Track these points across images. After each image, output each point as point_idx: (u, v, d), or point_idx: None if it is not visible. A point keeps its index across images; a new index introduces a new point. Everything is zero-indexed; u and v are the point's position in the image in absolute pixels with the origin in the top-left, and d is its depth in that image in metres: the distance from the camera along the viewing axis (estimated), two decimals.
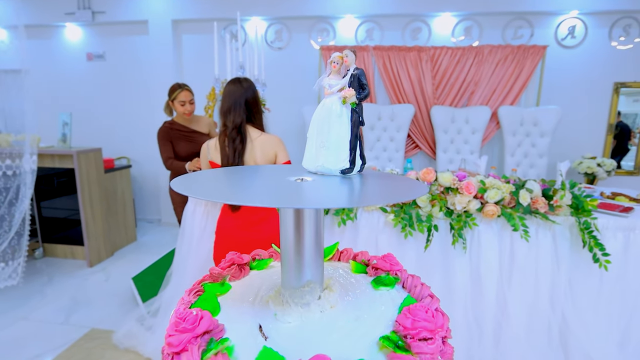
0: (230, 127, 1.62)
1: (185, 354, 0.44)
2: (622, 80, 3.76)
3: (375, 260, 0.63)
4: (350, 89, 0.45)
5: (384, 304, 0.56)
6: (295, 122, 3.98)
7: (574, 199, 1.86)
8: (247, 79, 1.70)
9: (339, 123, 0.45)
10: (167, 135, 2.49)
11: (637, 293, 1.84)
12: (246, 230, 1.67)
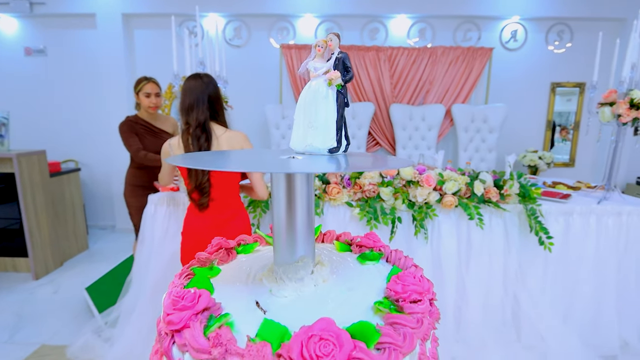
0: (193, 125, 1.56)
1: (187, 330, 0.44)
2: (557, 81, 4.13)
3: (359, 239, 0.66)
4: (335, 72, 0.47)
5: (372, 276, 0.60)
6: (258, 121, 3.94)
7: (521, 188, 2.03)
8: (207, 74, 1.65)
9: (326, 104, 0.47)
10: (131, 128, 2.35)
11: (577, 271, 2.05)
12: (214, 230, 1.63)
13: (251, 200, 2.02)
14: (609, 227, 2.02)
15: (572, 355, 2.00)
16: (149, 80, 2.36)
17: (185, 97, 1.58)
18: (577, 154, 4.33)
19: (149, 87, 2.34)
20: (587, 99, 4.05)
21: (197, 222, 1.65)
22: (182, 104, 1.60)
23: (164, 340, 0.46)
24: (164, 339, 0.46)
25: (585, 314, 2.06)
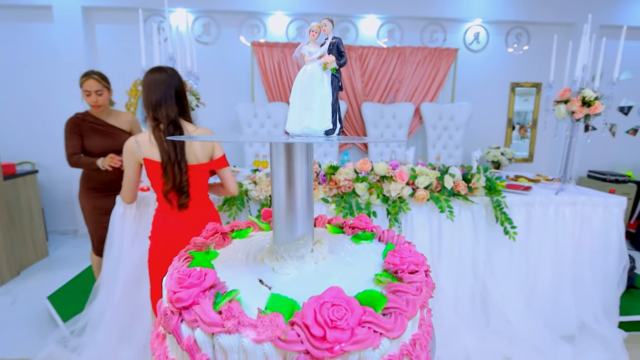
0: (165, 122, 1.49)
1: (196, 306, 0.44)
2: (516, 81, 4.38)
3: (351, 221, 0.68)
4: (330, 56, 0.48)
5: (368, 253, 0.63)
6: (229, 119, 3.88)
7: (487, 181, 2.13)
8: (171, 67, 1.56)
9: (321, 87, 0.49)
10: (76, 127, 2.14)
11: (538, 258, 2.18)
12: (192, 230, 1.57)
13: (226, 198, 1.99)
14: (566, 216, 2.18)
15: (536, 337, 2.13)
16: (89, 77, 2.10)
17: (150, 92, 1.49)
18: (535, 150, 4.61)
19: (87, 85, 2.09)
20: (544, 98, 4.31)
21: (173, 224, 1.58)
22: (147, 99, 1.50)
23: (172, 319, 0.46)
24: (171, 317, 0.45)
25: (546, 298, 2.20)
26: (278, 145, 0.55)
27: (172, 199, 1.54)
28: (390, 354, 0.46)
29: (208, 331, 0.44)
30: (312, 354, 0.42)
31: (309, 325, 0.42)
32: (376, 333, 0.44)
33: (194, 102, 2.06)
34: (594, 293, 2.27)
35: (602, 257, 2.24)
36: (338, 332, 0.42)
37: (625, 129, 4.89)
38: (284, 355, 0.43)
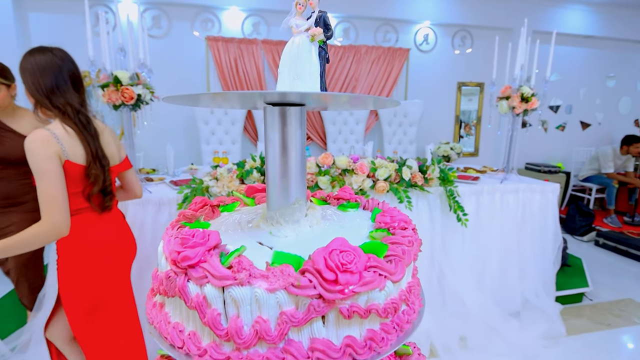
0: (72, 111, 1.21)
1: (204, 264, 0.45)
2: (462, 80, 4.68)
3: (336, 193, 0.70)
4: (317, 28, 0.50)
5: (358, 218, 0.66)
6: (184, 115, 3.73)
7: (441, 172, 2.27)
8: (58, 47, 1.28)
9: (309, 58, 0.50)
10: None
11: (487, 242, 2.36)
12: (120, 231, 1.42)
13: (186, 196, 1.92)
14: (510, 203, 2.38)
15: (486, 315, 2.31)
16: None
17: (41, 76, 1.20)
18: (480, 145, 4.97)
19: None
20: (488, 95, 4.66)
21: (101, 227, 1.35)
22: (34, 85, 1.21)
23: (177, 280, 0.45)
24: (176, 278, 0.44)
25: (494, 278, 2.39)
26: (273, 111, 0.56)
27: (97, 202, 1.31)
28: (392, 297, 0.50)
29: (219, 285, 0.45)
30: (324, 297, 0.44)
31: (321, 270, 0.44)
32: (381, 276, 0.48)
33: (148, 95, 1.97)
34: (534, 272, 2.50)
35: (540, 239, 2.48)
36: (348, 275, 0.45)
37: (555, 125, 5.43)
38: (297, 302, 0.45)
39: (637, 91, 5.70)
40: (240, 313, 0.46)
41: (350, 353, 0.47)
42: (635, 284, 3.19)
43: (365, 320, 0.49)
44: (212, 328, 0.46)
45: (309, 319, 0.45)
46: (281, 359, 0.45)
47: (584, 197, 4.92)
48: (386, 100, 0.54)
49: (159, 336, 0.52)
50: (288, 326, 0.45)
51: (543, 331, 2.33)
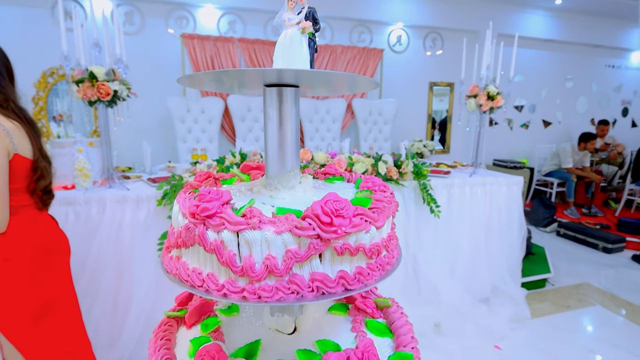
0: (15, 106, 1.19)
1: (220, 214, 0.54)
2: (434, 80, 4.87)
3: (323, 169, 0.78)
4: (307, 22, 0.57)
5: (344, 187, 0.77)
6: (161, 114, 3.67)
7: (415, 167, 2.38)
8: None
9: (300, 47, 0.58)
10: None
11: (458, 231, 2.50)
12: (55, 227, 1.39)
13: (166, 191, 1.93)
14: (478, 195, 2.53)
15: (458, 301, 2.44)
16: None
17: None
18: (451, 143, 5.18)
19: None
20: (457, 96, 4.87)
21: (41, 224, 1.31)
22: None
23: (197, 229, 0.55)
24: (195, 228, 0.54)
25: (465, 266, 2.53)
26: (272, 91, 0.65)
27: (37, 198, 1.28)
28: (376, 241, 0.60)
29: (234, 230, 0.54)
30: (322, 237, 0.55)
31: (319, 215, 0.54)
32: (367, 222, 0.59)
33: (125, 92, 1.95)
34: (502, 260, 2.67)
35: (507, 229, 2.65)
36: (341, 219, 0.56)
37: (520, 124, 5.74)
38: (299, 242, 0.55)
39: (592, 92, 6.12)
40: (252, 253, 0.55)
41: (342, 284, 0.58)
42: (592, 269, 3.45)
43: (354, 258, 0.60)
44: (229, 266, 0.55)
45: (309, 255, 0.55)
46: (287, 289, 0.55)
47: (546, 190, 5.24)
48: (369, 80, 0.64)
49: (179, 281, 0.60)
50: (292, 262, 0.55)
51: (510, 315, 2.49)
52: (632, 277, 3.30)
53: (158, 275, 2.00)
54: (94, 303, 1.87)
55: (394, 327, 0.79)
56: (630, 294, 2.97)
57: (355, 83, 0.68)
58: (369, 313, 0.83)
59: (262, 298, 0.54)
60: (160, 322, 0.80)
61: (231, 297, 0.55)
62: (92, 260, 1.87)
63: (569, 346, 2.28)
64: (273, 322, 0.75)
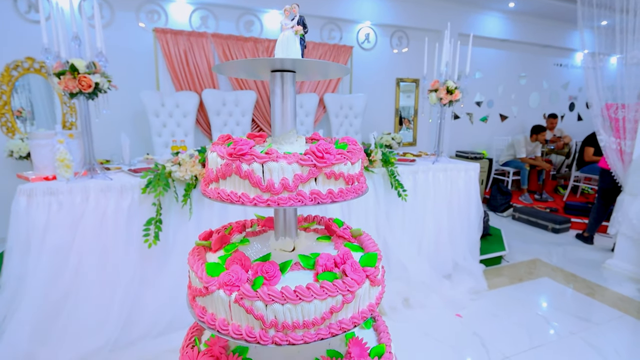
0: None
1: (251, 152, 0.83)
2: (400, 77, 5.14)
3: (309, 136, 0.98)
4: (299, 26, 0.76)
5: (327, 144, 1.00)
6: (134, 108, 3.67)
7: (383, 155, 2.58)
8: None
9: (294, 45, 0.79)
10: None
11: (423, 213, 2.74)
12: None
13: (150, 180, 2.01)
14: (440, 180, 2.78)
15: (425, 278, 2.68)
16: None
17: None
18: (417, 136, 5.49)
19: None
20: (422, 90, 5.17)
21: None
22: None
23: (234, 163, 0.81)
24: (232, 163, 0.82)
25: (430, 245, 2.78)
26: (276, 75, 0.94)
27: None
28: (351, 173, 0.88)
29: (260, 162, 0.83)
30: (317, 165, 0.84)
31: (314, 152, 0.84)
32: (345, 158, 0.88)
33: (106, 84, 2.00)
34: (462, 238, 2.95)
35: (466, 210, 2.93)
36: (329, 154, 0.85)
37: (479, 118, 6.16)
38: (302, 170, 0.84)
39: (543, 89, 6.66)
40: (272, 176, 0.83)
41: (330, 196, 0.87)
42: (542, 247, 3.84)
43: (337, 182, 0.89)
44: (257, 186, 0.82)
45: (309, 178, 0.84)
46: (296, 199, 0.81)
47: (503, 179, 5.68)
48: (342, 67, 0.93)
49: (220, 200, 0.86)
50: (298, 182, 0.84)
51: (470, 287, 2.77)
52: (575, 253, 3.71)
53: (143, 262, 2.08)
54: (79, 290, 1.93)
55: (364, 245, 1.11)
56: (574, 267, 3.36)
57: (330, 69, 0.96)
58: (346, 238, 1.14)
59: (280, 204, 0.82)
60: (193, 249, 1.05)
61: (259, 205, 0.82)
62: (77, 248, 1.92)
63: (521, 312, 2.59)
64: (278, 244, 1.04)
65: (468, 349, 2.16)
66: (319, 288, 0.81)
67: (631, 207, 3.10)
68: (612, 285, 3.02)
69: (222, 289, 0.82)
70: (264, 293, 0.79)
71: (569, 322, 2.46)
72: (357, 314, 0.89)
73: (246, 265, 0.90)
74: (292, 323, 0.80)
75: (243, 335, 0.80)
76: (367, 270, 0.91)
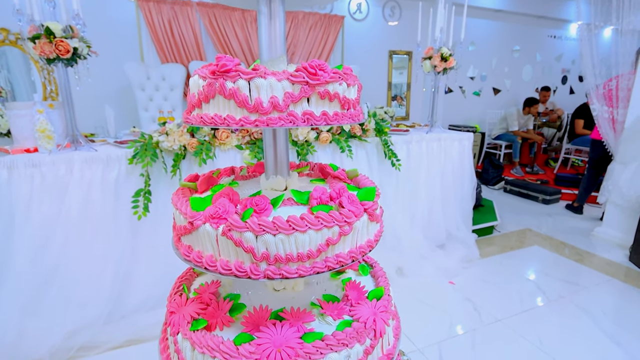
0: None
1: (236, 69, 0.76)
2: (393, 49, 5.02)
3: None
4: None
5: None
6: (119, 81, 3.53)
7: (376, 125, 2.54)
8: None
9: None
10: None
11: (416, 183, 2.72)
12: None
13: (136, 149, 1.94)
14: (434, 149, 2.75)
15: (418, 247, 2.69)
16: None
17: None
18: (410, 110, 5.43)
19: None
20: (415, 63, 5.07)
21: None
22: None
23: (217, 82, 0.75)
24: (216, 81, 0.74)
25: (423, 215, 2.78)
26: None
27: None
28: (346, 95, 0.83)
29: (247, 79, 0.76)
30: (309, 83, 0.76)
31: (307, 67, 0.76)
32: (340, 78, 0.83)
33: (85, 49, 1.90)
34: (455, 209, 2.95)
35: (459, 180, 2.92)
36: (322, 71, 0.78)
37: (472, 92, 6.10)
38: (294, 88, 0.77)
39: (536, 61, 6.59)
40: (260, 94, 0.75)
41: (324, 118, 0.80)
42: (533, 218, 3.89)
43: (332, 103, 0.82)
44: (244, 105, 0.75)
45: (301, 97, 0.76)
46: (287, 120, 0.74)
47: (496, 152, 5.69)
48: None
49: (203, 124, 0.81)
50: (290, 100, 0.75)
51: (462, 256, 2.80)
52: (565, 223, 3.77)
53: (134, 235, 2.04)
54: (69, 262, 1.89)
55: (361, 185, 1.05)
56: (564, 235, 3.41)
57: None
58: (341, 179, 1.09)
59: (269, 125, 0.75)
60: (177, 190, 0.98)
61: (246, 126, 0.76)
62: (64, 221, 1.87)
63: (512, 278, 2.63)
64: (269, 183, 0.98)
65: (460, 314, 2.20)
66: (313, 218, 0.76)
67: (621, 176, 3.13)
68: (600, 251, 3.08)
69: (209, 222, 0.76)
70: (254, 223, 0.73)
71: (558, 286, 2.51)
72: (355, 249, 0.84)
73: (235, 199, 0.84)
74: (286, 256, 0.75)
75: (232, 270, 0.75)
76: (365, 204, 0.85)
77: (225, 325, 0.87)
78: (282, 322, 0.85)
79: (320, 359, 0.75)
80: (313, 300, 0.99)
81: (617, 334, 2.01)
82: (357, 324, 0.85)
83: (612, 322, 2.12)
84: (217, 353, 0.75)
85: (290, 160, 2.27)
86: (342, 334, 0.80)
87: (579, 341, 1.96)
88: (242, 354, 0.74)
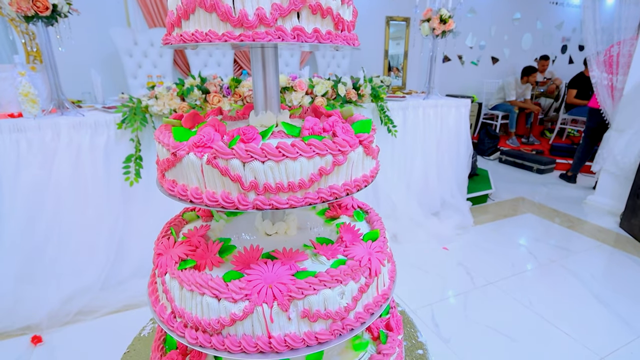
0: None
1: None
2: (390, 15, 4.85)
3: None
4: None
5: None
6: (105, 48, 3.38)
7: (372, 90, 2.48)
8: None
9: None
10: None
11: (413, 150, 2.70)
12: None
13: (125, 114, 1.88)
14: (431, 116, 2.71)
15: (413, 214, 2.70)
16: None
17: None
18: (407, 81, 5.32)
19: None
20: (413, 30, 4.91)
21: None
22: None
23: None
24: None
25: (419, 182, 2.77)
26: None
27: None
28: (341, 15, 0.78)
29: None
30: None
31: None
32: None
33: (65, 7, 1.79)
34: (450, 176, 2.95)
35: (455, 147, 2.90)
36: None
37: (470, 61, 5.97)
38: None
39: (537, 29, 6.43)
40: (244, 5, 0.69)
41: (316, 36, 0.73)
42: (527, 187, 3.91)
43: (324, 20, 0.75)
44: (227, 18, 0.68)
45: (290, 10, 0.70)
46: (275, 35, 0.70)
47: (492, 123, 5.64)
48: None
49: (183, 45, 0.75)
50: (278, 13, 0.69)
51: (456, 223, 2.82)
52: (558, 191, 3.80)
53: (127, 201, 2.01)
54: (61, 228, 1.87)
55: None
56: (557, 203, 3.44)
57: None
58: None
59: (255, 39, 0.68)
60: (160, 126, 0.91)
61: (230, 41, 0.69)
62: (53, 188, 1.83)
63: (504, 244, 2.67)
64: (258, 119, 0.93)
65: (453, 277, 2.24)
66: (305, 145, 0.71)
67: (617, 143, 3.12)
68: (592, 218, 3.12)
69: (193, 151, 0.71)
70: (241, 149, 0.68)
71: (549, 251, 2.56)
72: (349, 182, 0.80)
73: (221, 130, 0.78)
74: (275, 185, 0.71)
75: (219, 201, 0.71)
76: (360, 136, 0.81)
77: (215, 266, 0.85)
78: (274, 261, 0.82)
79: (313, 294, 0.74)
80: (306, 243, 0.97)
81: (604, 294, 2.07)
82: (351, 262, 0.83)
83: (600, 284, 2.17)
84: (205, 289, 0.73)
85: None
86: (336, 271, 0.78)
87: (567, 302, 2.01)
88: (232, 290, 0.72)
